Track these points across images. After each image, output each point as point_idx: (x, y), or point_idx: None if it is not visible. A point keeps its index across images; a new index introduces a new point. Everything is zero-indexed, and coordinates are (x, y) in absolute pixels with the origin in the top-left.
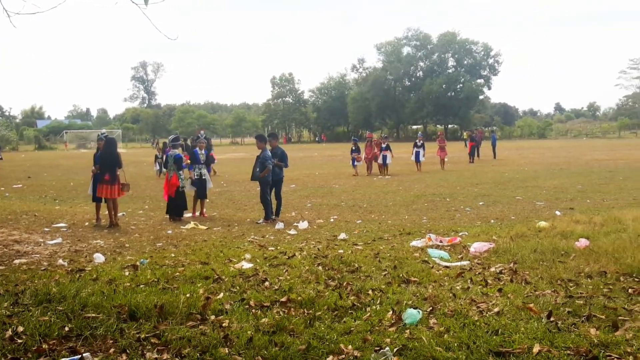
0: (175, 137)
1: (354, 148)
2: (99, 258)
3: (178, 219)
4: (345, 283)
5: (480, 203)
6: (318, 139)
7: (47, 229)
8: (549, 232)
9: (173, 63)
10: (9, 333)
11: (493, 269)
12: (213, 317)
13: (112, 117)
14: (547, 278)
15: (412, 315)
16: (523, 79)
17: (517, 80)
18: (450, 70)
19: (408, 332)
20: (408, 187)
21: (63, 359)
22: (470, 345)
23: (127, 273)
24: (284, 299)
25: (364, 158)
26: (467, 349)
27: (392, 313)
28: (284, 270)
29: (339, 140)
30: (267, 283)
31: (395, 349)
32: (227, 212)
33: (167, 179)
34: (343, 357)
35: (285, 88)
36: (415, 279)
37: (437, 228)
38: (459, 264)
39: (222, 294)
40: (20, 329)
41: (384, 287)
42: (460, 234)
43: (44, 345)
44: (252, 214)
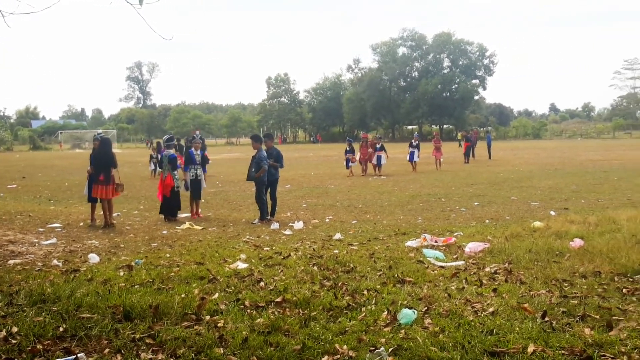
0: (170, 137)
1: (349, 149)
2: (94, 258)
3: (173, 219)
4: (341, 283)
5: (475, 203)
6: (313, 139)
7: (41, 229)
8: (544, 232)
9: (168, 63)
10: (4, 333)
11: (488, 269)
12: (208, 317)
13: (107, 117)
14: (541, 278)
15: (407, 315)
16: (518, 80)
17: (512, 81)
18: (446, 71)
19: (403, 332)
20: (403, 187)
21: None
22: (465, 345)
23: (122, 273)
24: (279, 299)
25: (359, 159)
26: (462, 349)
27: (387, 313)
28: (279, 271)
29: (335, 141)
30: (262, 283)
31: (390, 349)
32: (222, 212)
33: (161, 179)
34: (338, 357)
35: (281, 88)
36: (411, 279)
37: (432, 228)
38: (454, 264)
39: (217, 294)
40: (15, 330)
41: (379, 287)
42: (455, 234)
43: (39, 346)
44: (247, 214)
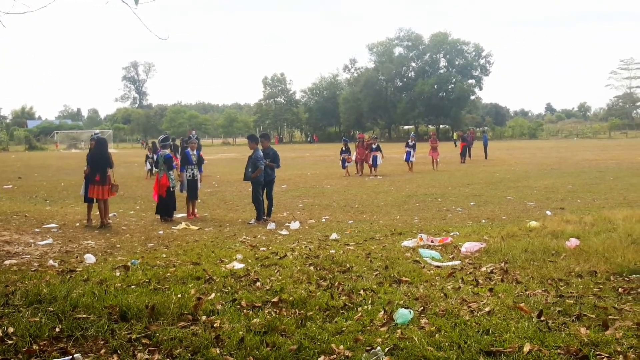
0: (165, 137)
1: (344, 148)
2: (90, 259)
3: (169, 220)
4: (337, 283)
5: (472, 203)
6: (310, 140)
7: (37, 230)
8: (540, 231)
9: (164, 63)
10: (0, 334)
11: (484, 269)
12: (204, 317)
13: (103, 117)
14: (537, 277)
15: (403, 315)
16: (514, 80)
17: (508, 81)
18: (442, 71)
19: (399, 332)
20: (400, 187)
21: None
22: (462, 345)
23: (118, 274)
24: (276, 299)
25: (355, 159)
26: (458, 349)
27: (383, 313)
28: (276, 271)
29: (331, 141)
30: (258, 283)
31: (387, 349)
32: (218, 212)
33: (157, 179)
34: (334, 357)
35: (277, 88)
36: (407, 279)
37: (428, 228)
38: (450, 264)
39: (213, 295)
40: (11, 330)
41: (376, 287)
42: (452, 234)
43: (35, 346)
44: (243, 215)
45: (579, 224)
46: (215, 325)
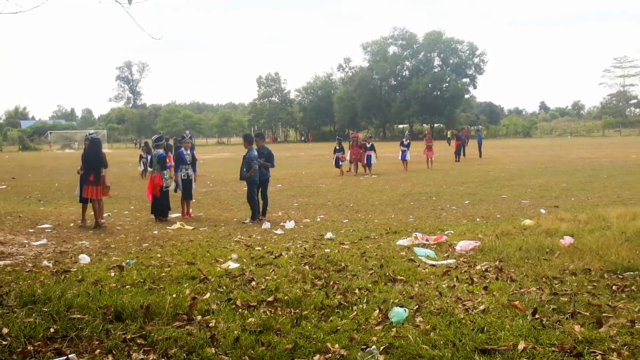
0: (159, 136)
1: (338, 147)
2: (85, 259)
3: (164, 220)
4: (332, 282)
5: (466, 202)
6: (304, 139)
7: (31, 230)
8: (534, 230)
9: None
10: None
11: (479, 267)
12: (199, 317)
13: (97, 117)
14: (532, 276)
15: (398, 314)
16: (508, 78)
17: (502, 79)
18: (436, 70)
19: (394, 330)
20: (394, 186)
21: None
22: (456, 343)
23: (113, 274)
24: (271, 299)
25: (350, 159)
26: (453, 347)
27: (378, 312)
28: (271, 270)
29: (326, 140)
30: (253, 283)
31: (382, 348)
32: (213, 212)
33: (151, 179)
34: (330, 356)
35: (272, 88)
36: (402, 278)
37: (423, 227)
38: (445, 263)
39: (208, 294)
40: (5, 331)
41: (371, 286)
42: (446, 233)
43: (29, 347)
44: (238, 214)
45: (573, 222)
46: (211, 325)
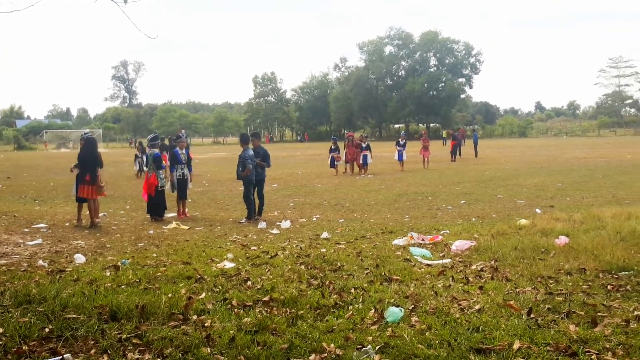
0: (154, 136)
1: (333, 147)
2: (80, 259)
3: (159, 219)
4: (328, 282)
5: (462, 201)
6: (300, 138)
7: (27, 230)
8: (530, 229)
9: (154, 62)
10: None
11: (474, 267)
12: (195, 317)
13: (92, 116)
14: (527, 275)
15: (394, 314)
16: (504, 78)
17: (498, 79)
18: (432, 69)
19: (390, 330)
20: (390, 186)
21: None
22: (452, 343)
23: (108, 273)
24: (267, 298)
25: (346, 159)
26: (448, 346)
27: (374, 311)
28: (267, 270)
29: (322, 140)
30: (249, 282)
31: (377, 347)
32: (209, 211)
33: (146, 178)
34: (325, 355)
35: (268, 87)
36: (397, 277)
37: (419, 226)
38: (441, 262)
39: (204, 294)
40: (0, 331)
41: (366, 285)
42: (442, 232)
43: (24, 347)
44: (234, 214)
45: (569, 222)
46: (206, 325)
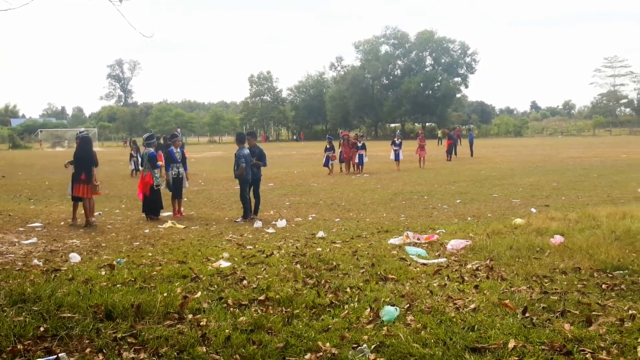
0: (150, 135)
1: (329, 146)
2: (75, 258)
3: (155, 218)
4: (323, 281)
5: (458, 201)
6: (296, 138)
7: (21, 229)
8: (525, 229)
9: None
10: None
11: (470, 266)
12: (191, 316)
13: (87, 115)
14: (522, 274)
15: (389, 313)
16: (500, 78)
17: (493, 79)
18: (428, 69)
19: (385, 329)
20: (386, 185)
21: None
22: (447, 342)
23: (103, 272)
24: (262, 298)
25: (342, 158)
26: (443, 345)
27: (369, 310)
28: (262, 269)
29: (318, 139)
30: (245, 282)
31: (373, 346)
32: (205, 210)
33: (141, 177)
34: (321, 354)
35: (264, 86)
36: (393, 277)
37: (414, 226)
38: (436, 261)
39: (199, 293)
40: None
41: (362, 284)
42: (438, 232)
43: (19, 346)
44: (230, 213)
45: (564, 221)
46: (202, 324)
